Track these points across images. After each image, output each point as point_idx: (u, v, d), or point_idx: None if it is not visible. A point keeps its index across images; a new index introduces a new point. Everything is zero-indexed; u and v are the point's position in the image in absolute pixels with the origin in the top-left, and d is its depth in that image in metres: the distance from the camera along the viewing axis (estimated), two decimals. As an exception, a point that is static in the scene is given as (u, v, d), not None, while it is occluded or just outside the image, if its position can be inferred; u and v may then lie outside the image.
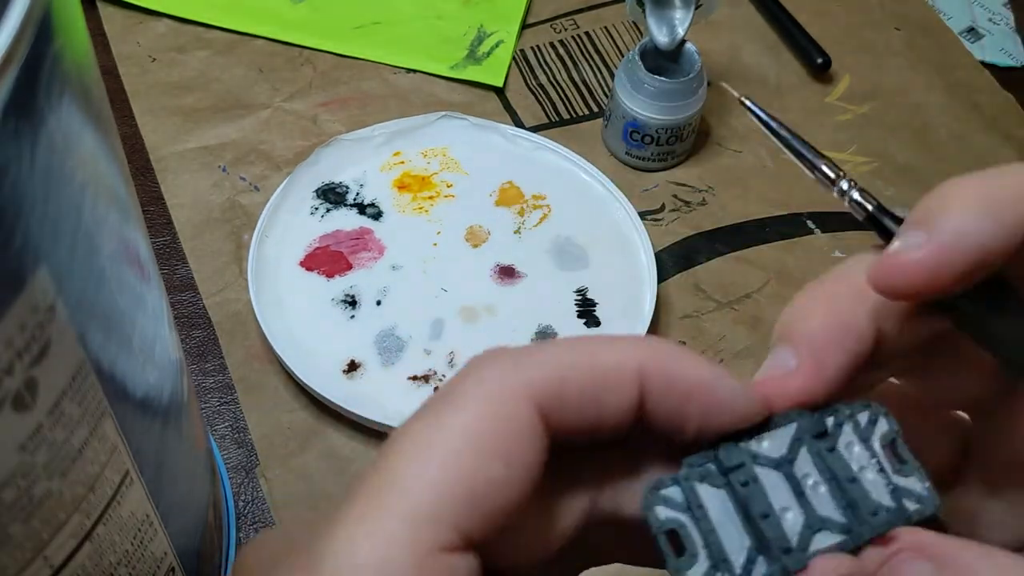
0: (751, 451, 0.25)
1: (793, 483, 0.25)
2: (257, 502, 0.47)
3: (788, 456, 0.25)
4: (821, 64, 0.65)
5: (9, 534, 0.23)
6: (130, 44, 0.62)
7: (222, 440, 0.48)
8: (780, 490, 0.24)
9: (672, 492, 0.24)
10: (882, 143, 0.63)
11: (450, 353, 0.51)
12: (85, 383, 0.24)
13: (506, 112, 0.62)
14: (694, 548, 0.24)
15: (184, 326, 0.52)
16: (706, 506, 0.24)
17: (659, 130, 0.57)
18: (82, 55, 0.23)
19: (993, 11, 0.71)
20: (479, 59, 0.63)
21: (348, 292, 0.52)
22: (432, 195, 0.56)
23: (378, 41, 0.64)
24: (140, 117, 0.59)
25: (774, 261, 0.56)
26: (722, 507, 0.24)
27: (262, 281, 0.51)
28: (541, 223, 0.56)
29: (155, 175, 0.57)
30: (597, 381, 0.23)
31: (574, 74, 0.64)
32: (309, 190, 0.56)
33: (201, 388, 0.50)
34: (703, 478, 0.25)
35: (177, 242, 0.54)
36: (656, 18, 0.57)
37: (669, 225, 0.57)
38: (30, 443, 0.22)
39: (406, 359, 0.50)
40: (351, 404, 0.47)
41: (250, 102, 0.61)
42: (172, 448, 0.32)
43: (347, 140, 0.57)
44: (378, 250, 0.54)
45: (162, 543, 0.31)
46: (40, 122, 0.20)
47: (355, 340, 0.51)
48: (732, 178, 0.60)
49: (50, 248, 0.21)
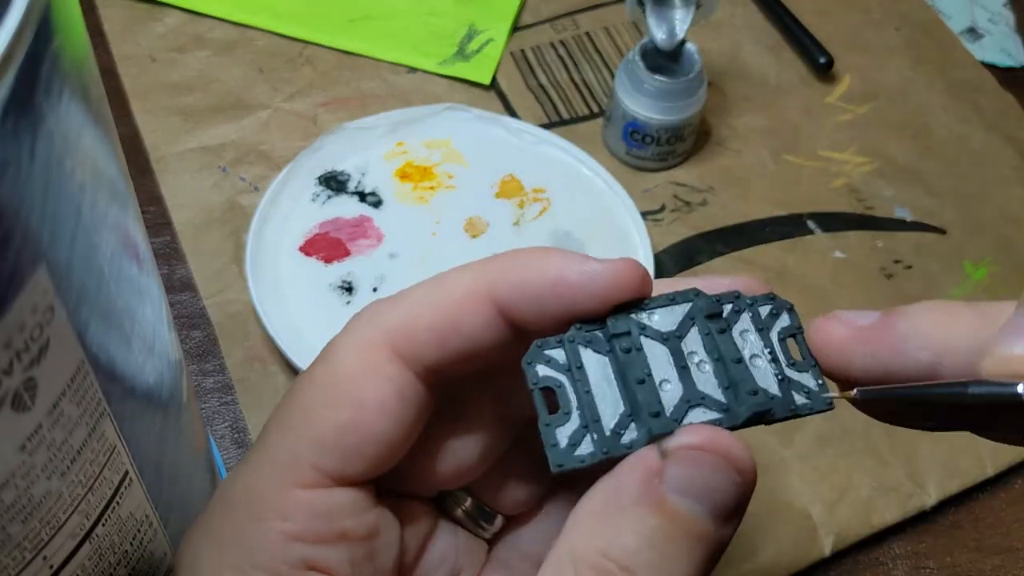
0: (640, 322, 0.25)
1: (678, 358, 0.25)
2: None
3: (677, 332, 0.25)
4: (824, 64, 0.65)
5: (9, 534, 0.23)
6: (130, 44, 0.62)
7: (222, 440, 0.48)
8: (662, 362, 0.25)
9: (555, 352, 0.25)
10: (882, 143, 0.63)
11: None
12: (84, 383, 0.24)
13: (506, 112, 0.62)
14: (568, 407, 0.24)
15: (184, 326, 0.52)
16: (586, 368, 0.25)
17: (659, 130, 0.57)
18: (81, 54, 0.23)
19: (993, 11, 0.71)
20: (468, 56, 0.63)
21: (345, 278, 0.53)
22: (433, 185, 0.57)
23: (369, 35, 0.64)
24: (140, 117, 0.59)
25: (774, 261, 0.56)
26: (602, 372, 0.25)
27: (261, 265, 0.52)
28: (540, 216, 0.56)
29: (155, 175, 0.57)
30: (446, 312, 0.25)
31: (574, 74, 0.64)
32: (311, 177, 0.56)
33: (201, 388, 0.50)
34: (588, 343, 0.25)
35: (177, 242, 0.54)
36: (656, 18, 0.57)
37: (669, 225, 0.57)
38: (29, 443, 0.22)
39: None
40: None
41: (250, 102, 0.60)
42: (172, 448, 0.32)
43: (351, 129, 0.57)
44: (377, 238, 0.54)
45: (162, 543, 0.31)
46: (39, 121, 0.20)
47: None
48: (732, 178, 0.60)
49: (50, 247, 0.21)
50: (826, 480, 0.48)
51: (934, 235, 0.59)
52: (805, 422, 0.50)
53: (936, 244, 0.58)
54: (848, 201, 0.60)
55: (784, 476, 0.48)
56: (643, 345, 0.25)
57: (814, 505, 0.48)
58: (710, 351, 0.25)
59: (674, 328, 0.25)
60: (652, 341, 0.25)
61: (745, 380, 0.24)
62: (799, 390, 0.25)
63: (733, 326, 0.25)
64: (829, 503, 0.48)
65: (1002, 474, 0.50)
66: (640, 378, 0.24)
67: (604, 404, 0.24)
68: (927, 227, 0.59)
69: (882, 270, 0.57)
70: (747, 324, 0.26)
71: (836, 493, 0.48)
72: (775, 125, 0.63)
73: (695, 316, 0.25)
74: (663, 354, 0.25)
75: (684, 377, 0.24)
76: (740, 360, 0.25)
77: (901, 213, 0.59)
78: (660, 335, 0.25)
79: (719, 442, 0.23)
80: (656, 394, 0.24)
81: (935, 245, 0.58)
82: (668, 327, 0.25)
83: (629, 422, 0.24)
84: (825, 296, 0.55)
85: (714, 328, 0.25)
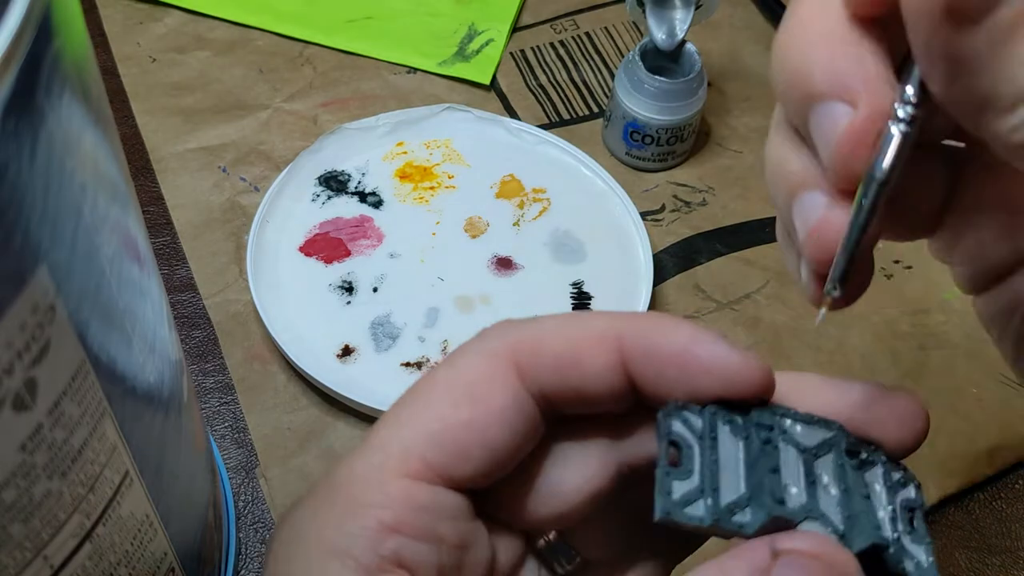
0: (782, 425, 0.25)
1: (808, 472, 0.24)
2: (257, 502, 0.47)
3: (815, 451, 0.25)
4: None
5: (9, 534, 0.23)
6: (130, 44, 0.63)
7: (222, 440, 0.48)
8: (793, 470, 0.24)
9: (692, 417, 0.25)
10: (882, 143, 0.63)
11: (444, 341, 0.51)
12: (85, 383, 0.24)
13: (506, 113, 0.62)
14: (690, 467, 0.24)
15: (184, 326, 0.52)
16: (719, 442, 0.24)
17: (659, 130, 0.57)
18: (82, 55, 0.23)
19: (993, 11, 0.71)
20: (467, 56, 0.64)
21: (345, 278, 0.53)
22: (433, 186, 0.57)
23: (369, 35, 0.64)
24: (140, 117, 0.59)
25: (774, 261, 0.56)
26: (733, 452, 0.24)
27: (261, 265, 0.52)
28: (540, 216, 0.56)
29: (155, 175, 0.57)
30: (573, 345, 0.26)
31: (574, 74, 0.64)
32: (311, 177, 0.56)
33: (201, 388, 0.50)
34: (728, 421, 0.25)
35: (177, 242, 0.54)
36: (656, 18, 0.57)
37: (669, 225, 0.57)
38: (30, 443, 0.22)
39: (400, 346, 0.50)
40: (343, 388, 0.48)
41: (250, 102, 0.61)
42: (172, 448, 0.32)
43: (351, 129, 0.57)
44: (377, 238, 0.54)
45: (162, 543, 0.31)
46: (40, 121, 0.20)
47: (350, 325, 0.51)
48: (732, 178, 0.60)
49: (50, 247, 0.21)
50: (826, 480, 0.48)
51: (934, 235, 0.59)
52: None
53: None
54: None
55: (784, 476, 0.48)
56: (780, 447, 0.24)
57: (814, 505, 0.48)
58: (839, 480, 0.24)
59: (813, 446, 0.25)
60: (789, 447, 0.24)
61: (868, 515, 0.24)
62: (909, 558, 0.24)
63: (866, 471, 0.25)
64: (829, 503, 0.48)
65: (1002, 474, 0.50)
66: (773, 467, 0.24)
67: (726, 480, 0.24)
68: (927, 227, 0.59)
69: (882, 270, 0.57)
70: (878, 476, 0.25)
71: (836, 493, 0.48)
72: (775, 125, 0.63)
73: (834, 445, 0.25)
74: (796, 462, 0.24)
75: (810, 491, 0.24)
76: (868, 498, 0.24)
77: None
78: (799, 445, 0.24)
79: (836, 556, 0.22)
80: (783, 488, 0.24)
81: (935, 245, 0.58)
82: (809, 442, 0.25)
83: (747, 505, 0.23)
84: (825, 296, 0.55)
85: (848, 463, 0.25)
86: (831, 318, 0.55)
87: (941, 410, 0.51)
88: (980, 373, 0.53)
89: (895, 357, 0.53)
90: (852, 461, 0.25)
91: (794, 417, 0.25)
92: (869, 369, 0.52)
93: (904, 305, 0.55)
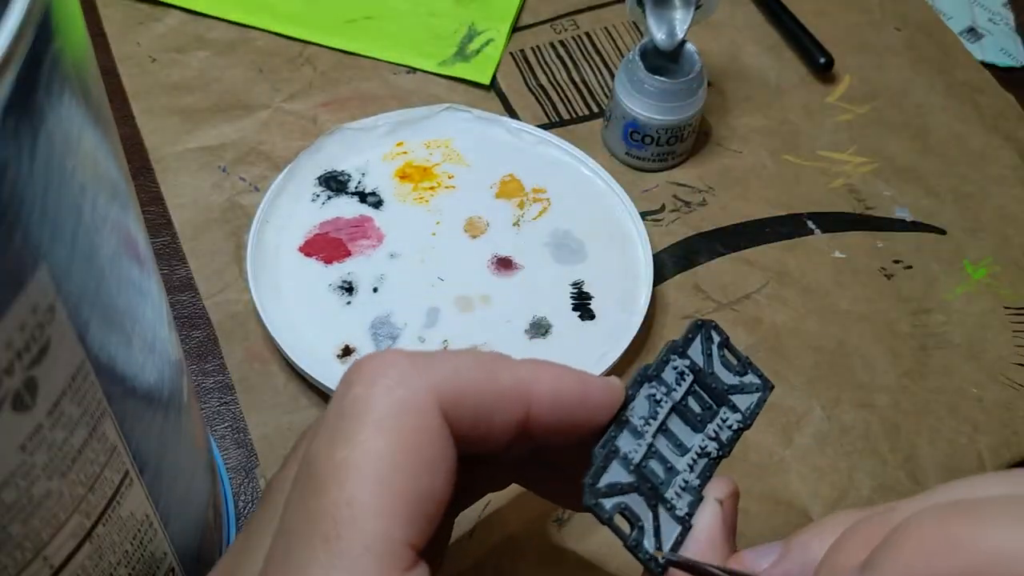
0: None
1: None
2: (257, 502, 0.47)
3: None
4: (824, 64, 0.65)
5: (9, 534, 0.23)
6: (130, 44, 0.62)
7: (222, 440, 0.48)
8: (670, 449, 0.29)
9: (615, 474, 0.28)
10: (882, 143, 0.63)
11: (444, 341, 0.51)
12: (85, 383, 0.24)
13: (506, 113, 0.62)
14: (640, 519, 0.27)
15: (184, 326, 0.52)
16: (655, 444, 0.29)
17: (659, 130, 0.57)
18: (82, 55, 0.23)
19: (993, 11, 0.71)
20: (468, 56, 0.64)
21: (345, 279, 0.53)
22: (433, 186, 0.57)
23: (369, 35, 0.64)
24: (140, 117, 0.59)
25: (774, 261, 0.56)
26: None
27: (261, 265, 0.52)
28: (540, 216, 0.56)
29: (155, 175, 0.57)
30: (492, 398, 0.26)
31: (574, 74, 0.64)
32: (311, 177, 0.56)
33: (201, 388, 0.50)
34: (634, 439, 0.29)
35: (177, 242, 0.54)
36: (656, 18, 0.57)
37: (669, 225, 0.57)
38: (30, 443, 0.22)
39: (400, 346, 0.50)
40: None
41: (250, 102, 0.61)
42: (172, 448, 0.32)
43: (351, 129, 0.57)
44: (377, 238, 0.54)
45: (162, 543, 0.31)
46: (40, 121, 0.20)
47: (351, 326, 0.51)
48: (732, 178, 0.60)
49: (50, 248, 0.21)
50: (826, 480, 0.48)
51: (934, 235, 0.59)
52: (805, 423, 0.50)
53: (936, 244, 0.58)
54: (848, 201, 0.60)
55: (784, 476, 0.48)
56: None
57: (814, 505, 0.48)
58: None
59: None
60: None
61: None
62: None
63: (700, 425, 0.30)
64: (829, 503, 0.48)
65: (1002, 474, 0.50)
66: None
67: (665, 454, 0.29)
68: (927, 227, 0.59)
69: (882, 270, 0.57)
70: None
71: (836, 493, 0.48)
72: (775, 125, 0.63)
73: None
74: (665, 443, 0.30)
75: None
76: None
77: (901, 213, 0.59)
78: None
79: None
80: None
81: (935, 245, 0.58)
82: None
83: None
84: (825, 296, 0.55)
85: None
86: (831, 318, 0.55)
87: (941, 410, 0.51)
88: (980, 373, 0.53)
89: (895, 357, 0.53)
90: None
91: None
92: (869, 369, 0.52)
93: (904, 305, 0.55)
